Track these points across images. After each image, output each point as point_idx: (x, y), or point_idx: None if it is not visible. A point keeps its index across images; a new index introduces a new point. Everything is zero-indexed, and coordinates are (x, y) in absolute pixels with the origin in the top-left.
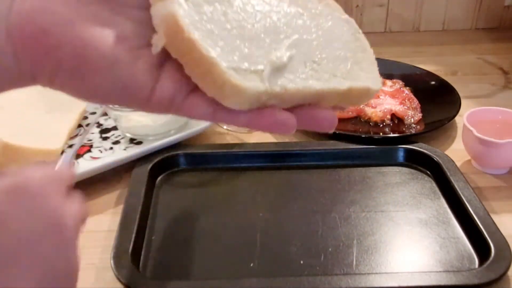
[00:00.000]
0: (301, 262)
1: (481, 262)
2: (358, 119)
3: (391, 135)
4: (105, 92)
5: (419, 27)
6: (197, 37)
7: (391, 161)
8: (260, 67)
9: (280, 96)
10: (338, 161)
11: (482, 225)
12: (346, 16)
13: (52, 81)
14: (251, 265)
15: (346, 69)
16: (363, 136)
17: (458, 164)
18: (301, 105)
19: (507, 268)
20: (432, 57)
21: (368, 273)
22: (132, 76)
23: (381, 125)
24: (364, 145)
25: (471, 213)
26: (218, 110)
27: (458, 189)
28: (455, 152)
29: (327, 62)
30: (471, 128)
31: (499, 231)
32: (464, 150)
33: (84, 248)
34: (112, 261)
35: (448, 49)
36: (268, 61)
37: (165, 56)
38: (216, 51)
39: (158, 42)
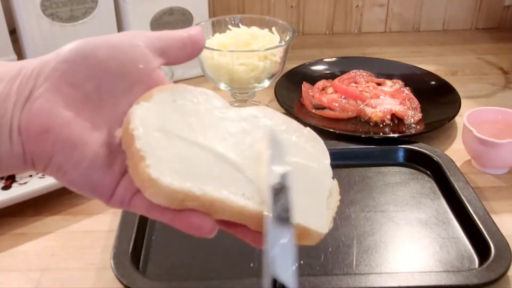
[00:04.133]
0: (301, 262)
1: (481, 262)
2: (358, 119)
3: (391, 135)
4: (79, 186)
5: (419, 27)
6: (136, 134)
7: (391, 161)
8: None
9: (198, 199)
10: (338, 161)
11: (482, 225)
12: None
13: (45, 169)
14: (251, 265)
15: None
16: (363, 136)
17: (458, 164)
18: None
19: (507, 268)
20: (432, 57)
21: (368, 273)
22: (102, 181)
23: (381, 125)
24: (364, 145)
25: (471, 213)
26: (152, 208)
27: (458, 189)
28: (455, 152)
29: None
30: (471, 128)
31: (499, 231)
32: (464, 150)
33: (84, 248)
34: (112, 261)
35: (448, 49)
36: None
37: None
38: (151, 153)
39: (117, 134)
